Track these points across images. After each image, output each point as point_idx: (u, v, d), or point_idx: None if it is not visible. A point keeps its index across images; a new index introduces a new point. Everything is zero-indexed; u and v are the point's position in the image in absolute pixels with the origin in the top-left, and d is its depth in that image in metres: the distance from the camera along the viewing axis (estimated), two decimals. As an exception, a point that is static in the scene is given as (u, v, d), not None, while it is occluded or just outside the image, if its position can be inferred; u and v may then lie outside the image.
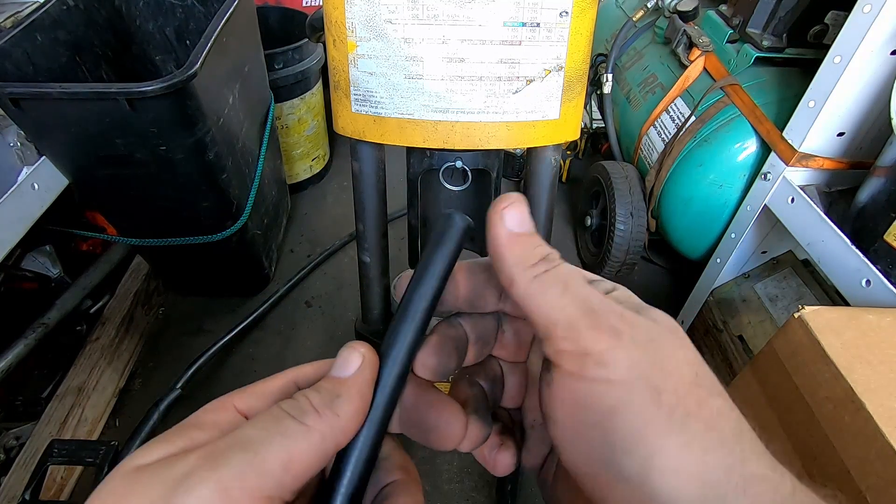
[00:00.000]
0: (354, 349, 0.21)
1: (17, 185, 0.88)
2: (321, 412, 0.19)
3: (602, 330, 0.19)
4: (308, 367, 0.23)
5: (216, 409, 0.20)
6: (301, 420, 0.19)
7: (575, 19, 0.43)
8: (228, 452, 0.17)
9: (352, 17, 0.43)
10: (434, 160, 0.53)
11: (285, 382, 0.22)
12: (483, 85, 0.45)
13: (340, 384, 0.20)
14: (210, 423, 0.20)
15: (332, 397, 0.20)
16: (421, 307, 0.21)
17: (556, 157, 0.54)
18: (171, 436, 0.19)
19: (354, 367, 0.21)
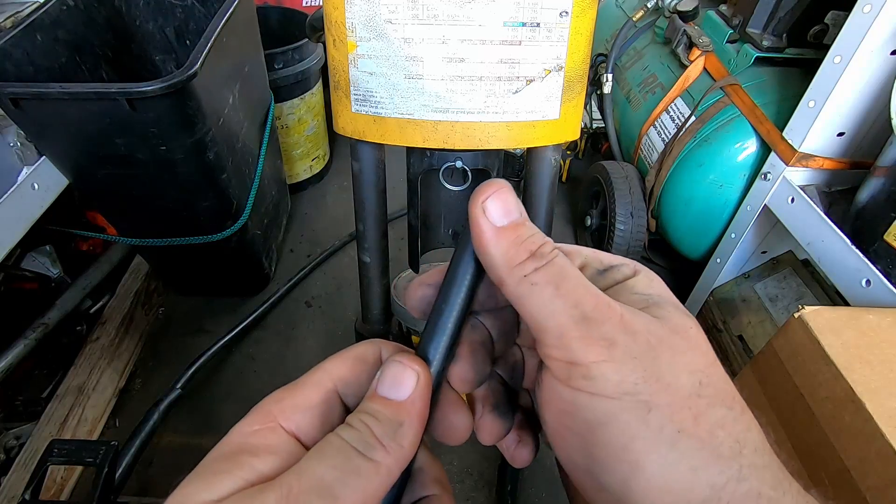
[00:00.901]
0: (407, 366, 0.20)
1: (17, 185, 0.88)
2: (387, 446, 0.19)
3: (593, 341, 0.18)
4: (339, 366, 0.22)
5: (263, 428, 0.19)
6: (370, 456, 0.18)
7: (575, 19, 0.43)
8: (308, 497, 0.17)
9: (352, 17, 0.43)
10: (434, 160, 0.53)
11: (326, 392, 0.21)
12: (483, 85, 0.45)
13: (400, 410, 0.19)
14: (264, 448, 0.19)
15: (394, 426, 0.19)
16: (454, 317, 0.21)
17: (556, 157, 0.54)
18: (227, 464, 0.18)
19: (410, 388, 0.20)
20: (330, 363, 0.22)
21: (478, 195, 0.20)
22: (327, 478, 0.17)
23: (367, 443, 0.18)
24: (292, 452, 0.19)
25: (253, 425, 0.20)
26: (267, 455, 0.19)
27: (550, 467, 1.11)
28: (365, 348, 0.22)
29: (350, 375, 0.21)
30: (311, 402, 0.20)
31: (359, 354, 0.22)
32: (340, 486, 0.17)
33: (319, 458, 0.18)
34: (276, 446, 0.19)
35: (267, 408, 0.20)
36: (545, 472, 1.10)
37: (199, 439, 1.11)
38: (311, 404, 0.20)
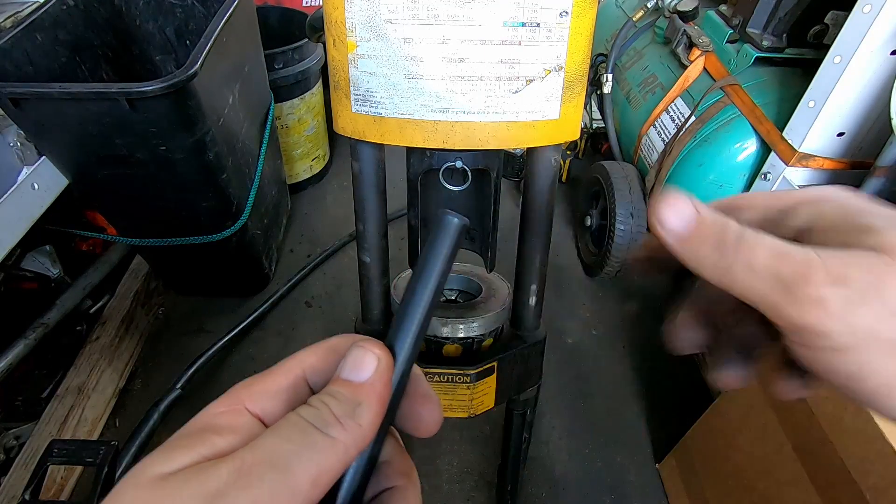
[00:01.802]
0: (368, 350, 0.21)
1: (17, 185, 0.88)
2: (345, 423, 0.19)
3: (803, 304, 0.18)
4: (310, 355, 0.22)
5: (228, 410, 0.20)
6: (326, 432, 0.19)
7: (575, 19, 0.43)
8: (261, 469, 0.17)
9: (352, 17, 0.43)
10: (434, 160, 0.53)
11: (294, 378, 0.21)
12: (483, 85, 0.45)
13: (359, 390, 0.20)
14: (226, 427, 0.19)
15: (353, 406, 0.20)
16: (422, 308, 0.21)
17: (556, 157, 0.54)
18: (188, 440, 0.19)
19: (370, 371, 0.20)
20: (302, 353, 0.22)
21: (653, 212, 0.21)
22: (281, 451, 0.18)
23: (324, 420, 0.19)
24: (254, 432, 0.19)
25: (220, 407, 0.20)
26: (228, 434, 0.19)
27: (550, 467, 1.11)
28: (338, 340, 0.23)
29: (320, 364, 0.22)
30: (279, 386, 0.21)
31: (332, 345, 0.22)
32: (294, 458, 0.18)
33: (275, 433, 0.18)
34: (238, 426, 0.19)
35: (236, 392, 0.21)
36: (545, 472, 1.10)
37: (199, 439, 1.11)
38: (279, 389, 0.21)
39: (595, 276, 1.50)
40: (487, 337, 0.65)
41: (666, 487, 1.07)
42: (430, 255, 0.21)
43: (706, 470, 0.94)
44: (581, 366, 1.31)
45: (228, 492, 0.17)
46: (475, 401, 0.66)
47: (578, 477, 1.10)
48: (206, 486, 0.17)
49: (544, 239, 0.59)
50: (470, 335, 0.62)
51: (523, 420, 0.79)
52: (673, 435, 1.06)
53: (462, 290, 0.71)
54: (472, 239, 0.67)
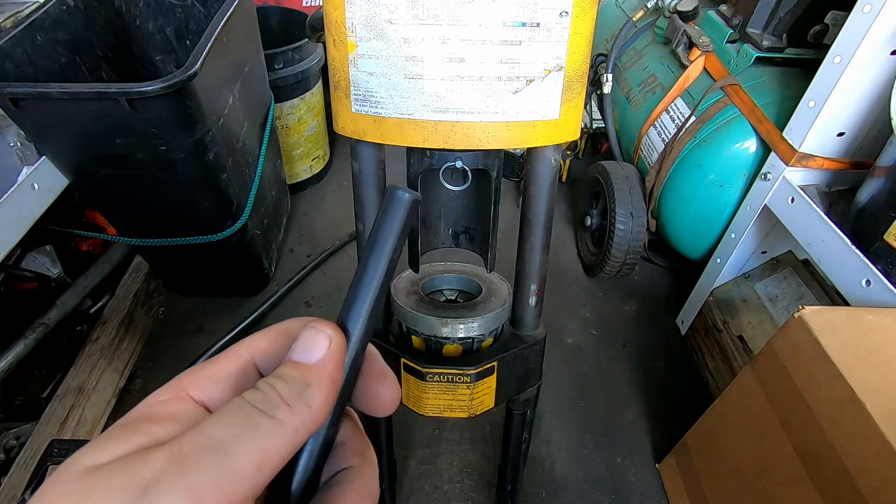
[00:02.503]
0: (319, 330, 0.20)
1: (17, 185, 0.88)
2: (292, 405, 0.18)
3: None
4: (261, 339, 0.21)
5: (169, 398, 0.19)
6: (272, 415, 0.18)
7: (575, 19, 0.43)
8: (199, 454, 0.16)
9: (352, 17, 0.43)
10: (434, 160, 0.53)
11: (242, 363, 0.20)
12: (483, 85, 0.45)
13: (308, 371, 0.19)
14: (166, 415, 0.18)
15: (301, 387, 0.19)
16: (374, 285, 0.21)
17: (556, 157, 0.54)
18: (123, 430, 0.18)
19: (322, 352, 0.20)
20: (252, 337, 0.21)
21: None
22: (221, 435, 0.17)
23: (269, 402, 0.18)
24: (196, 420, 0.18)
25: (161, 395, 0.19)
26: (168, 422, 0.18)
27: (550, 467, 1.11)
28: (291, 324, 0.22)
29: (270, 348, 0.21)
30: (225, 372, 0.20)
31: (284, 328, 0.22)
32: (236, 442, 0.17)
33: (216, 418, 0.18)
34: (179, 414, 0.18)
35: (179, 380, 0.20)
36: (545, 472, 1.10)
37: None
38: (225, 374, 0.20)
39: (595, 276, 1.50)
40: (487, 337, 0.65)
41: (666, 487, 1.07)
42: (381, 231, 0.21)
43: (706, 470, 0.94)
44: (581, 366, 1.31)
45: (163, 479, 0.16)
46: (475, 401, 0.66)
47: (578, 477, 1.10)
48: (138, 475, 0.16)
49: (544, 239, 0.59)
50: (470, 335, 0.62)
51: (523, 420, 0.79)
52: (673, 435, 1.06)
53: (462, 290, 0.71)
54: (472, 239, 0.67)
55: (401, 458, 1.09)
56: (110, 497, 0.15)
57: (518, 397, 0.74)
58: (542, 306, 0.67)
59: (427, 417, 0.79)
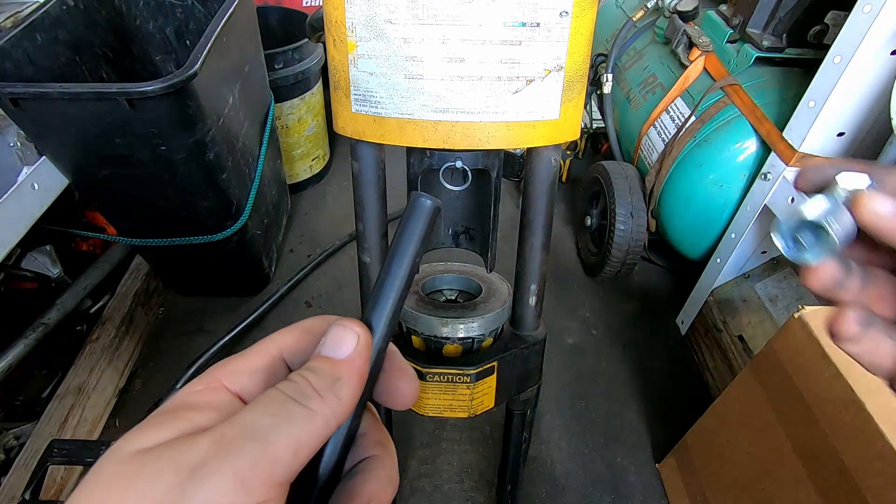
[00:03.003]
0: (348, 328, 0.21)
1: (17, 185, 0.88)
2: (324, 396, 0.19)
3: None
4: (287, 336, 0.23)
5: (206, 388, 0.20)
6: (306, 405, 0.19)
7: (575, 19, 0.43)
8: (241, 440, 0.17)
9: (352, 17, 0.43)
10: (434, 160, 0.53)
11: (272, 358, 0.22)
12: (483, 85, 0.45)
13: (339, 366, 0.21)
14: (204, 404, 0.19)
15: (332, 380, 0.20)
16: (397, 287, 0.22)
17: (556, 157, 0.54)
18: (167, 417, 0.19)
19: (351, 348, 0.21)
20: (278, 334, 0.23)
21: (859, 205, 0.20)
22: (260, 423, 0.18)
23: (303, 393, 0.19)
24: (232, 409, 0.19)
25: (197, 386, 0.20)
26: (206, 410, 0.19)
27: (550, 467, 1.11)
28: (313, 322, 0.23)
29: (296, 344, 0.22)
30: (257, 366, 0.21)
31: (307, 326, 0.23)
32: (273, 430, 0.18)
33: (255, 407, 0.19)
34: (216, 403, 0.19)
35: (213, 372, 0.21)
36: (545, 472, 1.10)
37: (199, 439, 1.11)
38: (256, 368, 0.21)
39: (595, 276, 1.50)
40: (487, 337, 0.65)
41: (666, 487, 1.07)
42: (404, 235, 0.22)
43: (706, 470, 0.94)
44: (581, 366, 1.31)
45: (208, 462, 0.17)
46: (475, 401, 0.66)
47: (578, 477, 1.10)
48: (186, 458, 0.17)
49: (544, 239, 0.59)
50: (470, 335, 0.62)
51: (523, 420, 0.79)
52: (673, 435, 1.06)
53: (462, 290, 0.71)
54: (472, 239, 0.67)
55: (401, 458, 1.09)
56: (161, 477, 0.16)
57: (518, 397, 0.74)
58: (542, 306, 0.67)
59: (427, 417, 0.79)
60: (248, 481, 0.17)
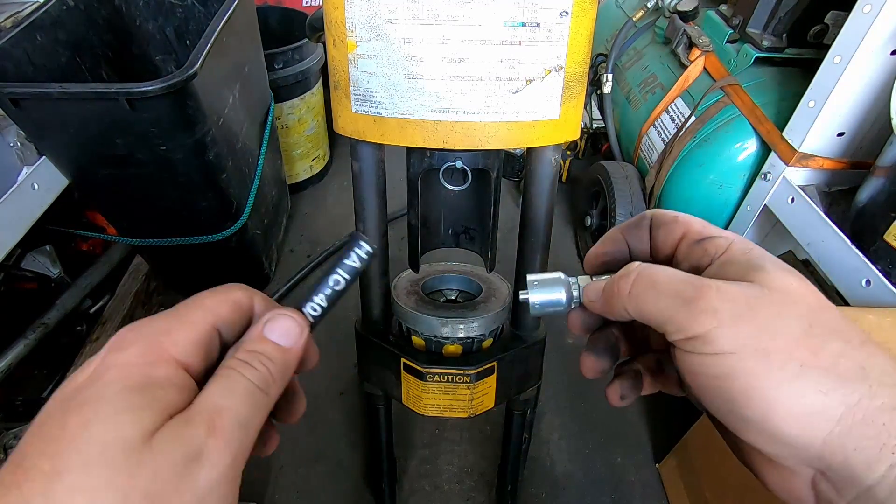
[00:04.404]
0: (296, 323, 0.25)
1: (17, 185, 0.88)
2: (278, 383, 0.24)
3: (699, 314, 0.21)
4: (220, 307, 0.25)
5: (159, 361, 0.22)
6: (267, 392, 0.23)
7: (575, 19, 0.43)
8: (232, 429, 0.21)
9: (352, 17, 0.43)
10: (434, 160, 0.53)
11: (210, 329, 0.24)
12: (483, 85, 0.45)
13: (288, 354, 0.24)
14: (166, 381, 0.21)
15: (284, 369, 0.24)
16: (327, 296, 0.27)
17: (556, 157, 0.54)
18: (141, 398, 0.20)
19: (297, 340, 0.25)
20: (209, 301, 0.25)
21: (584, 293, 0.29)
22: (244, 413, 0.22)
23: (266, 382, 0.23)
24: (187, 386, 0.22)
25: (147, 356, 0.22)
26: (170, 388, 0.21)
27: (550, 467, 1.11)
28: (241, 295, 0.26)
29: (229, 317, 0.25)
30: (198, 337, 0.23)
31: (236, 300, 0.25)
32: (252, 417, 0.22)
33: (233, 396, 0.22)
34: (174, 379, 0.22)
35: (157, 339, 0.22)
36: (545, 472, 1.10)
37: (199, 439, 1.11)
38: (198, 340, 0.23)
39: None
40: (487, 337, 0.65)
41: (666, 487, 1.07)
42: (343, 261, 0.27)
43: (706, 470, 0.94)
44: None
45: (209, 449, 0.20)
46: (475, 401, 0.66)
47: (578, 477, 1.10)
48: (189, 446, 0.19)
49: (544, 239, 0.59)
50: (470, 335, 0.63)
51: (523, 420, 0.79)
52: (673, 435, 1.06)
53: (462, 290, 0.71)
54: (472, 239, 0.67)
55: (401, 458, 1.09)
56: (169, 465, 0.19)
57: (518, 397, 0.74)
58: (542, 306, 0.67)
59: (427, 417, 0.79)
60: (240, 461, 0.21)
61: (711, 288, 0.22)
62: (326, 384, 1.22)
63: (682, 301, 0.22)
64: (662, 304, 0.23)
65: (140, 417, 0.19)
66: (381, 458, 0.87)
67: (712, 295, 0.22)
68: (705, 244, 0.25)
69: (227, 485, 0.20)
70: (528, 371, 0.70)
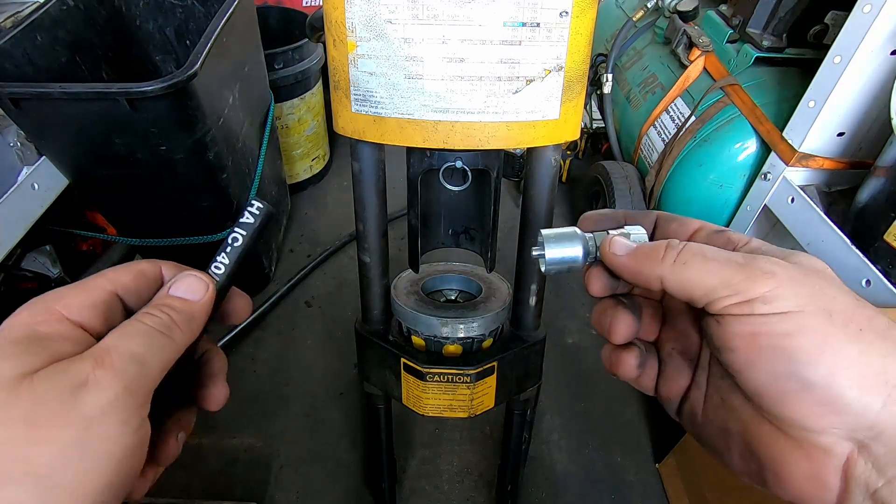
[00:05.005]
0: (201, 279, 0.27)
1: (17, 185, 0.88)
2: (183, 329, 0.25)
3: (758, 276, 0.21)
4: (122, 275, 0.26)
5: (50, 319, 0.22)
6: (170, 336, 0.24)
7: (575, 19, 0.43)
8: (125, 363, 0.21)
9: (352, 17, 0.43)
10: (434, 160, 0.53)
11: (108, 294, 0.25)
12: (483, 85, 0.45)
13: (193, 306, 0.26)
14: (56, 335, 0.22)
15: (189, 317, 0.26)
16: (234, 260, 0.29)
17: (556, 157, 0.54)
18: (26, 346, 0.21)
19: (202, 294, 0.27)
20: (112, 272, 0.26)
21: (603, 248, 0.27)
22: (139, 350, 0.22)
23: (168, 327, 0.24)
24: (83, 340, 0.23)
25: (37, 317, 0.22)
26: (61, 340, 0.22)
27: (550, 467, 1.11)
28: (147, 265, 0.27)
29: (132, 284, 0.26)
30: (95, 300, 0.24)
31: (141, 269, 0.27)
32: (149, 356, 0.23)
33: (126, 337, 0.23)
34: (67, 334, 0.22)
35: (47, 304, 0.23)
36: (545, 472, 1.10)
37: (198, 439, 1.12)
38: (95, 303, 0.24)
39: (595, 276, 1.50)
40: (487, 337, 0.65)
41: (666, 487, 1.07)
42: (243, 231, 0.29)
43: (706, 470, 0.94)
44: (581, 366, 1.31)
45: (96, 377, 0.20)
46: (475, 401, 0.66)
47: (578, 477, 1.10)
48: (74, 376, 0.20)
49: (544, 239, 0.59)
50: (470, 335, 0.63)
51: (523, 420, 0.79)
52: (673, 435, 1.06)
53: (462, 290, 0.71)
54: (472, 239, 0.67)
55: (401, 458, 1.09)
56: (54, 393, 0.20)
57: (518, 397, 0.74)
58: (542, 306, 0.67)
59: (427, 417, 0.79)
60: (134, 391, 0.21)
61: (761, 256, 0.22)
62: (326, 384, 1.22)
63: (736, 266, 0.22)
64: (715, 270, 0.22)
65: (21, 361, 0.20)
66: (381, 458, 0.87)
67: (765, 260, 0.22)
68: (728, 234, 0.26)
69: (121, 413, 0.20)
70: (528, 371, 0.70)
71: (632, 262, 0.25)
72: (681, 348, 0.29)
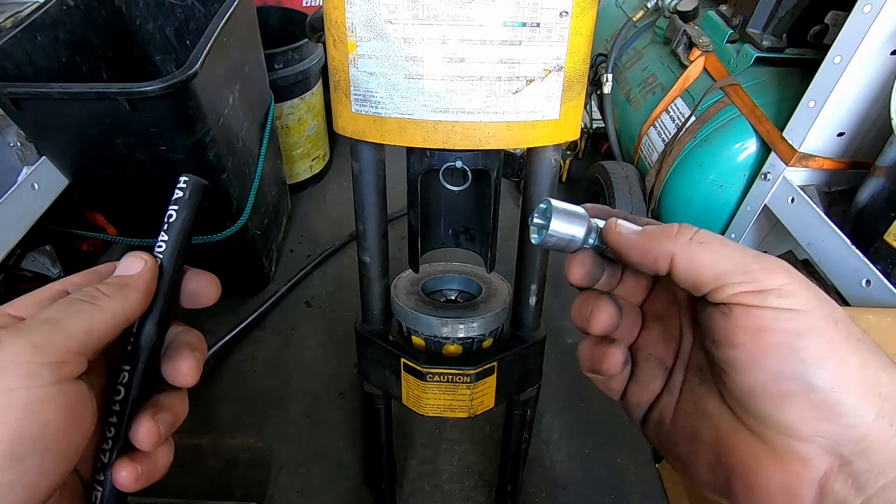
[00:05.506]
0: (137, 256, 0.26)
1: (17, 185, 0.88)
2: (111, 296, 0.24)
3: (775, 270, 0.21)
4: (75, 276, 0.26)
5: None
6: (94, 302, 0.24)
7: (575, 19, 0.43)
8: (33, 325, 0.22)
9: (352, 17, 0.43)
10: (434, 160, 0.53)
11: (56, 292, 0.25)
12: (483, 85, 0.45)
13: (127, 279, 0.25)
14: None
15: (120, 287, 0.25)
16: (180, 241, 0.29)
17: (556, 157, 0.54)
18: None
19: (139, 268, 0.26)
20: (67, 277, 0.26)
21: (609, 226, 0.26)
22: (52, 314, 0.22)
23: (91, 295, 0.24)
24: None
25: None
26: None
27: (550, 467, 1.11)
28: (103, 266, 0.27)
29: (83, 282, 0.26)
30: (42, 297, 0.25)
31: (96, 269, 0.27)
32: (64, 318, 0.22)
33: (47, 309, 0.23)
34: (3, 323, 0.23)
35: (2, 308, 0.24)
36: (545, 472, 1.10)
37: (198, 439, 1.11)
38: (41, 299, 0.25)
39: (595, 276, 1.50)
40: (487, 337, 0.65)
41: (666, 487, 1.07)
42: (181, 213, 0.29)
43: (706, 470, 0.94)
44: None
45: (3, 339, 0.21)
46: (475, 401, 0.66)
47: (578, 477, 1.10)
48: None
49: (544, 239, 0.59)
50: (470, 335, 0.63)
51: (523, 420, 0.79)
52: (673, 435, 1.06)
53: (462, 290, 0.71)
54: (472, 239, 0.67)
55: (401, 458, 1.09)
56: None
57: (518, 397, 0.74)
58: (542, 306, 0.67)
59: (427, 417, 0.79)
60: (43, 347, 0.21)
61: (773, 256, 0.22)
62: (326, 384, 1.22)
63: (753, 255, 0.22)
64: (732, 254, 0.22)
65: None
66: (381, 458, 0.87)
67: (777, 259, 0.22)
68: None
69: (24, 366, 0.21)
70: (528, 371, 0.70)
71: (641, 238, 0.24)
72: (658, 354, 0.29)
